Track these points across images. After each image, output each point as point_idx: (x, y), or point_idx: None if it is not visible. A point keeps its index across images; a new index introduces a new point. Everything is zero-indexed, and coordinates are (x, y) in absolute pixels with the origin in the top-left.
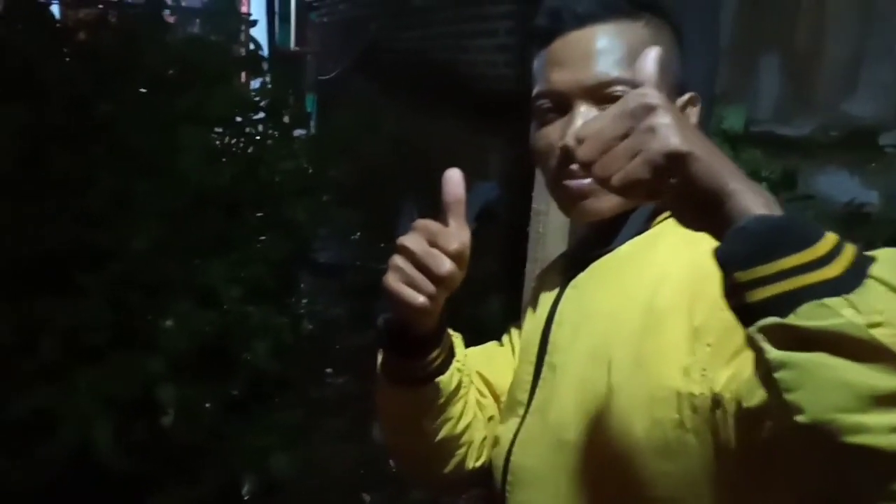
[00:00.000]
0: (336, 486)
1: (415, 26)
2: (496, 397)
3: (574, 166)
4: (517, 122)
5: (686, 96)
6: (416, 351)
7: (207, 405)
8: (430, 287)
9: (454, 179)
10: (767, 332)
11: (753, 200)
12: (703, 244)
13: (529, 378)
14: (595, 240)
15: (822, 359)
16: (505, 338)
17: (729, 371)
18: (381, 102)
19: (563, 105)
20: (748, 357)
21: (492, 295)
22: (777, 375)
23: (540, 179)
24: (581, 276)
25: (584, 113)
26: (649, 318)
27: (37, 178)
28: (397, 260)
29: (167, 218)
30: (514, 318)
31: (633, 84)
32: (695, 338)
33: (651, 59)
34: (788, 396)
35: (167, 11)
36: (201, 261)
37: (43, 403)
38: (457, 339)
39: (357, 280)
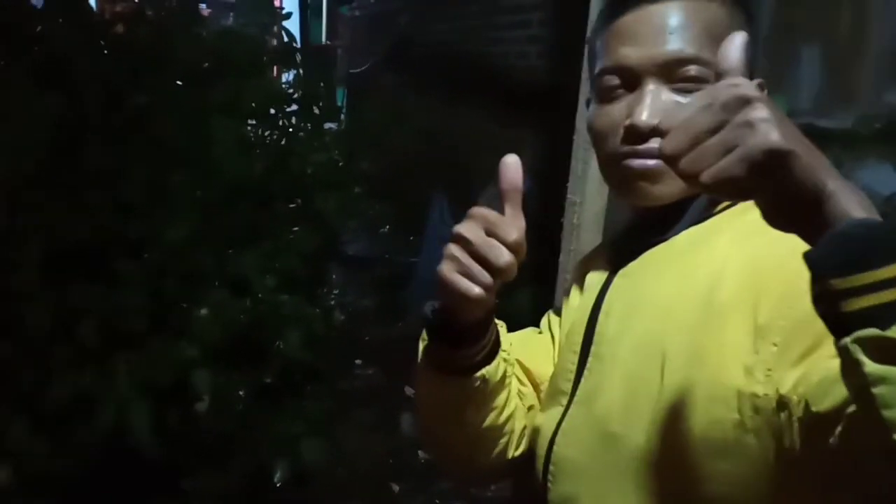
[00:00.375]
0: (365, 476)
1: (446, 19)
2: (535, 386)
3: (641, 146)
4: (549, 114)
5: (755, 83)
6: (464, 340)
7: (241, 392)
8: (488, 278)
9: (512, 166)
10: (865, 344)
11: (852, 203)
12: (765, 236)
13: (573, 367)
14: (647, 228)
15: None
16: (543, 324)
17: (797, 372)
18: (412, 95)
19: (631, 82)
20: (818, 359)
21: (524, 287)
22: (876, 391)
23: (575, 169)
24: (632, 264)
25: (654, 91)
26: (708, 312)
27: (73, 170)
28: (453, 249)
29: (201, 209)
30: (546, 310)
31: (708, 63)
32: (759, 336)
33: (737, 45)
34: (888, 413)
35: (202, 5)
36: (235, 251)
37: (81, 388)
38: (502, 328)
39: (386, 272)
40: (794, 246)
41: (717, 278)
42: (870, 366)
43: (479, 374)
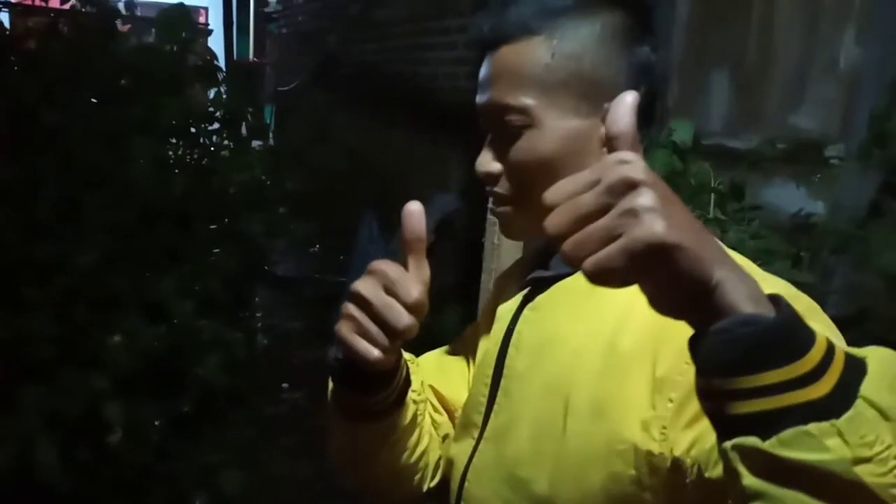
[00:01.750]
0: (291, 502)
1: (374, 38)
2: (450, 413)
3: (492, 190)
4: (475, 134)
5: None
6: (370, 387)
7: (156, 423)
8: (385, 341)
9: (415, 215)
10: (745, 453)
11: (740, 294)
12: None
13: (484, 400)
14: (553, 257)
15: (801, 499)
16: (457, 343)
17: (691, 434)
18: (340, 114)
19: (487, 125)
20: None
21: (447, 305)
22: None
23: None
24: (541, 297)
25: (492, 138)
26: (611, 360)
27: None
28: (352, 309)
29: (116, 230)
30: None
31: (525, 109)
32: (657, 390)
33: (627, 106)
34: None
35: (120, 21)
36: (151, 274)
37: None
38: (412, 364)
39: (314, 293)
40: None
41: (620, 324)
42: (748, 478)
43: (388, 418)
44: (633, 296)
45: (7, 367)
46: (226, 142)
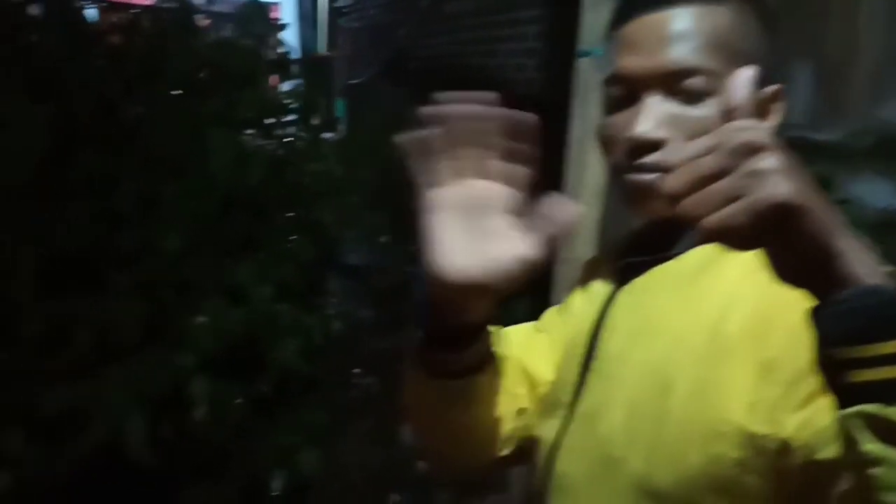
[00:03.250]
0: (362, 487)
1: (444, 31)
2: (532, 387)
3: (639, 160)
4: (545, 125)
5: (771, 89)
6: (456, 341)
7: (237, 402)
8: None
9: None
10: (867, 419)
11: (861, 264)
12: None
13: (574, 380)
14: (652, 240)
15: None
16: (543, 321)
17: (801, 416)
18: (411, 106)
19: (632, 92)
20: (823, 404)
21: (520, 297)
22: (874, 471)
23: (570, 180)
24: (638, 281)
25: (653, 103)
26: (715, 344)
27: (67, 179)
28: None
29: (197, 219)
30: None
31: (712, 74)
32: (765, 372)
33: (745, 80)
34: (888, 497)
35: (199, 15)
36: (231, 261)
37: (75, 399)
38: (496, 332)
39: (385, 282)
40: None
41: (726, 309)
42: (870, 444)
43: (468, 377)
44: (739, 280)
45: (96, 347)
46: (299, 133)
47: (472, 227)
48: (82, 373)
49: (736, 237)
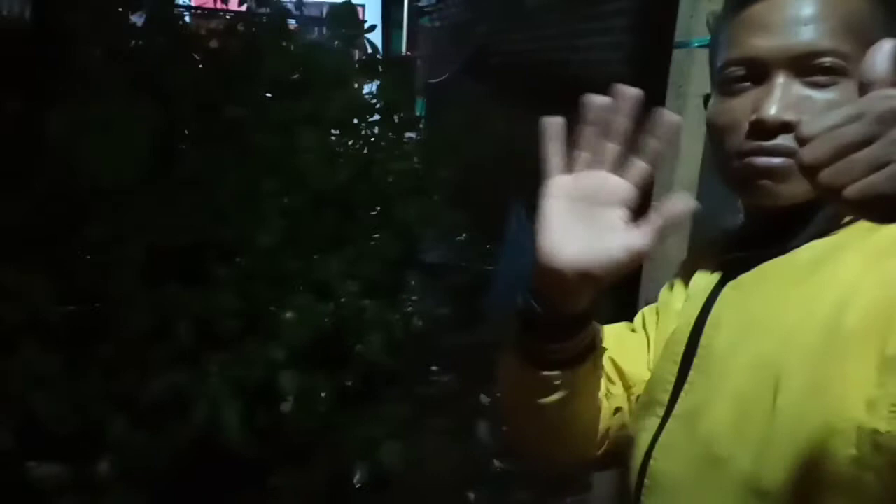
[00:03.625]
0: (441, 483)
1: (525, 27)
2: (627, 387)
3: (767, 142)
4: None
5: None
6: (559, 333)
7: (323, 394)
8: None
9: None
10: None
11: None
12: None
13: (672, 378)
14: (763, 235)
15: None
16: (638, 321)
17: None
18: (491, 104)
19: (759, 74)
20: None
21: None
22: None
23: (663, 175)
24: (746, 276)
25: (784, 84)
26: (833, 339)
27: (170, 176)
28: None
29: (289, 216)
30: (629, 317)
31: (845, 57)
32: (887, 368)
33: (886, 52)
34: None
35: (291, 20)
36: (319, 257)
37: (177, 387)
38: (601, 330)
39: (463, 280)
40: None
41: (844, 303)
42: None
43: (567, 369)
44: (857, 274)
45: (196, 337)
46: (384, 133)
47: (586, 215)
48: (183, 362)
49: (881, 208)
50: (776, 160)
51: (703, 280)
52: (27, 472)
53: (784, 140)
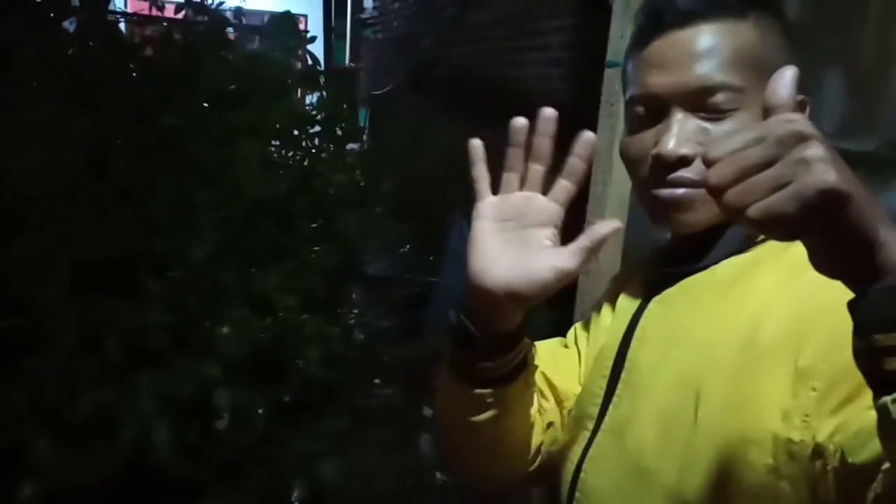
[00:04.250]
0: (382, 497)
1: (467, 42)
2: (559, 402)
3: (670, 175)
4: (569, 136)
5: (797, 98)
6: (491, 350)
7: (259, 410)
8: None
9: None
10: None
11: None
12: (811, 275)
13: (601, 392)
14: (683, 253)
15: None
16: (570, 336)
17: (835, 421)
18: (434, 117)
19: (658, 110)
20: (858, 408)
21: (542, 308)
22: None
23: (594, 191)
24: (669, 292)
25: (681, 120)
26: (749, 353)
27: (102, 187)
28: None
29: (225, 228)
30: (563, 333)
31: (738, 90)
32: (799, 380)
33: (787, 79)
34: None
35: (229, 29)
36: (257, 270)
37: (104, 404)
38: (533, 348)
39: (405, 292)
40: (841, 288)
41: (759, 318)
42: None
43: (501, 387)
44: (772, 290)
45: (126, 353)
46: (325, 144)
47: (515, 236)
48: (111, 378)
49: (782, 226)
50: (678, 192)
51: (632, 295)
52: None
53: (684, 172)
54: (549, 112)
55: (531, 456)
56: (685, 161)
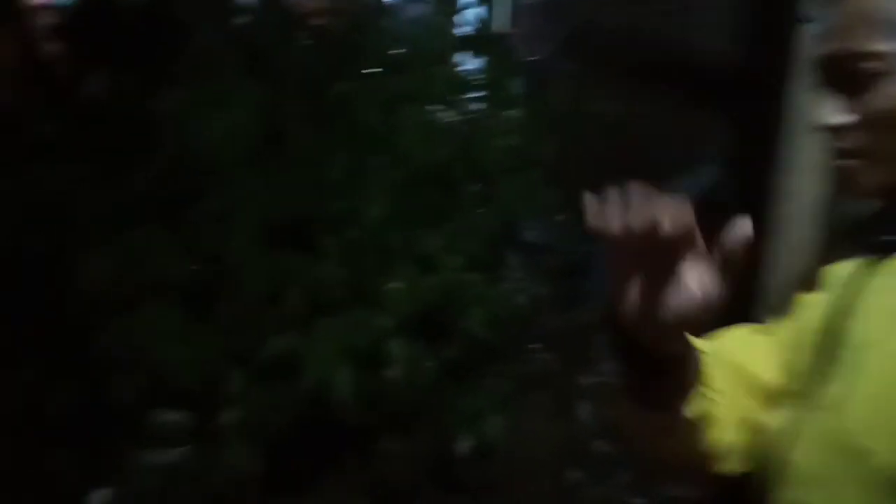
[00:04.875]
0: (542, 459)
1: (629, 2)
2: (757, 392)
3: (842, 143)
4: (743, 100)
5: None
6: (656, 373)
7: (428, 364)
8: None
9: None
10: None
11: None
12: None
13: (811, 371)
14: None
15: None
16: (769, 321)
17: None
18: (595, 82)
19: (838, 75)
20: None
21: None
22: None
23: (785, 158)
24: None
25: (835, 91)
26: None
27: (279, 152)
28: None
29: (393, 191)
30: (756, 312)
31: (880, 58)
32: None
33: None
34: None
35: None
36: (422, 231)
37: (289, 348)
38: (706, 355)
39: (562, 260)
40: None
41: None
42: None
43: (673, 407)
44: None
45: (306, 303)
46: (486, 110)
47: (653, 269)
48: (295, 326)
49: None
50: (845, 162)
51: (843, 269)
52: (151, 420)
53: (849, 142)
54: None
55: (725, 457)
56: (841, 130)
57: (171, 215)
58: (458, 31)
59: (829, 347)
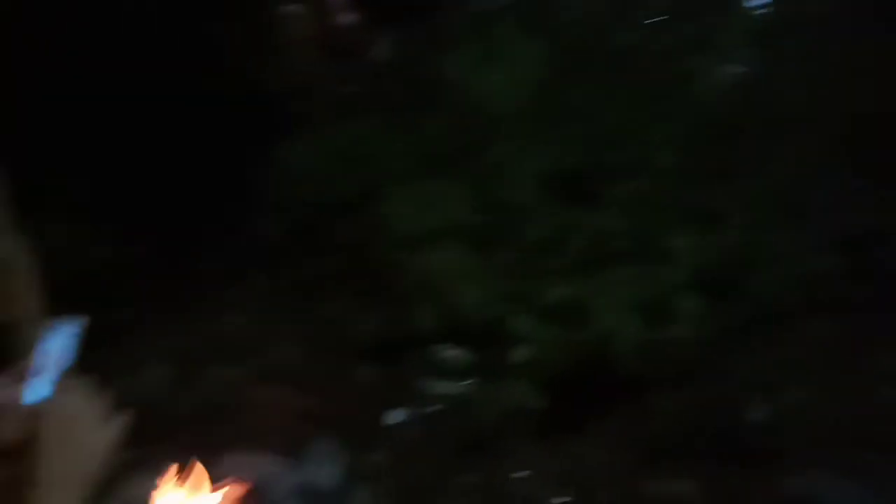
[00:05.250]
0: (832, 437)
1: None
2: None
3: None
4: None
5: None
6: None
7: (714, 322)
8: None
9: None
10: None
11: None
12: None
13: None
14: None
15: None
16: None
17: None
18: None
19: None
20: None
21: None
22: None
23: None
24: None
25: None
26: None
27: (560, 104)
28: None
29: (678, 142)
30: None
31: None
32: None
33: None
34: None
35: None
36: (707, 186)
37: (572, 296)
38: None
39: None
40: None
41: None
42: None
43: None
44: None
45: (589, 252)
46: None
47: None
48: (577, 274)
49: None
50: None
51: None
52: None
53: None
54: None
55: None
56: None
57: (459, 165)
58: None
59: None
